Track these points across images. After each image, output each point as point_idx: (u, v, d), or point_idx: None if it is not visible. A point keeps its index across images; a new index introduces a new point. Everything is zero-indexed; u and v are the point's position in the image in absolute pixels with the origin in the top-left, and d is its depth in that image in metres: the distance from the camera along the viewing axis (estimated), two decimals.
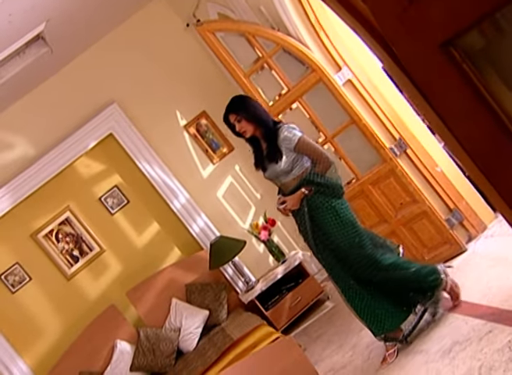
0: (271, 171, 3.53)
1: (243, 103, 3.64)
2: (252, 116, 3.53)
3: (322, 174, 3.43)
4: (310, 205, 3.44)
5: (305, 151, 3.44)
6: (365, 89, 4.58)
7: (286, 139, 3.43)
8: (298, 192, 3.44)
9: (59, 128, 5.69)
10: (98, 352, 5.14)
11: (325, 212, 3.41)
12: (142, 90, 5.89)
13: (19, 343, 5.45)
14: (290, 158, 3.44)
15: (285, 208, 3.50)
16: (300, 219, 3.50)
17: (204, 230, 5.73)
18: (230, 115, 3.60)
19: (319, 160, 3.43)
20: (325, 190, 3.42)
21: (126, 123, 5.77)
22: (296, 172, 3.47)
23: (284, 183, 3.53)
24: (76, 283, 5.65)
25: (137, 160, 5.76)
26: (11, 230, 5.60)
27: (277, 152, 3.45)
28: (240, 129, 3.57)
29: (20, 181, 5.57)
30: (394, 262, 3.48)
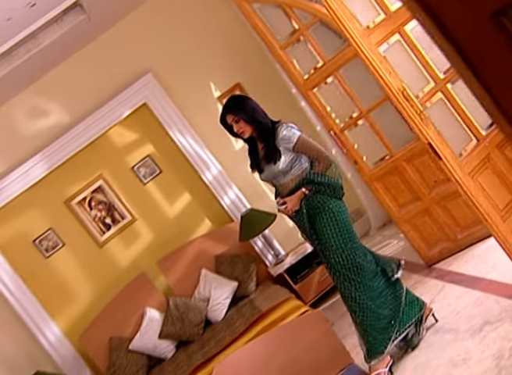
0: (268, 172, 3.45)
1: (242, 103, 3.55)
2: (251, 117, 3.44)
3: (323, 173, 3.36)
4: (308, 205, 3.39)
5: (304, 151, 3.37)
6: None
7: (285, 138, 3.35)
8: (298, 192, 3.38)
9: (94, 96, 5.74)
10: (128, 319, 5.24)
11: (323, 213, 3.35)
12: (177, 60, 5.89)
13: (52, 306, 5.58)
14: (289, 158, 3.37)
15: (287, 209, 3.42)
16: (300, 221, 3.45)
17: (235, 203, 5.76)
18: (228, 115, 3.48)
19: (319, 159, 3.37)
20: (325, 189, 3.36)
21: (161, 93, 5.79)
22: (295, 172, 3.41)
23: (282, 183, 3.46)
24: (107, 251, 5.76)
25: (170, 130, 5.79)
26: (45, 196, 5.70)
27: (275, 152, 3.37)
28: (238, 130, 3.46)
29: (55, 148, 5.64)
30: (381, 291, 3.41)
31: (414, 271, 4.41)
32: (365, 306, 3.34)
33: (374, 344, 3.34)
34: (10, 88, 5.43)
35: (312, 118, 5.77)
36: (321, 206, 3.36)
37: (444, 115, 3.88)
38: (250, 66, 5.96)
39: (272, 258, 5.63)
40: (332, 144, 5.69)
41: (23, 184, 5.60)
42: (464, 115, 3.81)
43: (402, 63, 3.97)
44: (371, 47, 3.80)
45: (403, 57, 4.06)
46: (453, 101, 3.80)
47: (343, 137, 4.78)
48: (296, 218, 3.47)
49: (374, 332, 3.34)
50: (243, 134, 3.47)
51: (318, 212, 3.36)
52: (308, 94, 4.86)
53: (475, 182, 3.55)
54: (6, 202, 5.58)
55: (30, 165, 5.60)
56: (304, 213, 3.38)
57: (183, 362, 4.61)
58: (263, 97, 5.91)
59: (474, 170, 3.59)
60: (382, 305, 3.40)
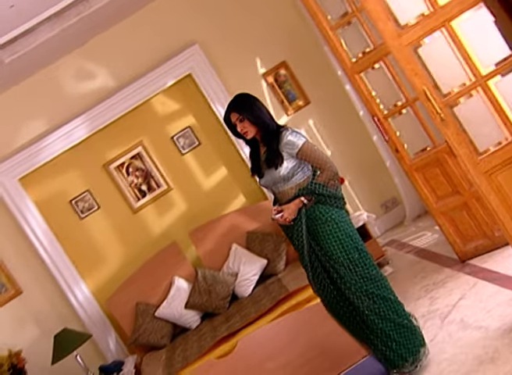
0: (269, 177, 3.27)
1: (248, 102, 3.34)
2: (256, 117, 3.25)
3: (325, 184, 3.19)
4: (308, 215, 3.21)
5: (308, 158, 3.19)
6: None
7: (289, 143, 3.17)
8: (296, 200, 3.21)
9: (140, 63, 5.76)
10: (156, 286, 5.30)
11: (325, 224, 3.18)
12: (225, 34, 5.86)
13: (83, 267, 5.69)
14: (291, 165, 3.20)
15: (283, 218, 3.21)
16: (297, 232, 3.24)
17: None
18: (233, 113, 3.30)
19: (323, 169, 3.19)
20: (326, 200, 3.19)
21: (206, 65, 5.78)
22: (297, 180, 3.23)
23: (281, 191, 3.27)
24: (141, 217, 5.81)
25: (213, 103, 5.79)
26: (85, 158, 5.77)
27: (278, 157, 3.20)
28: (241, 129, 3.28)
29: (98, 111, 5.69)
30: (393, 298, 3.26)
31: (446, 265, 4.36)
32: (387, 317, 3.18)
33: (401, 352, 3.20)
34: (59, 49, 5.48)
35: (356, 102, 5.70)
36: (322, 217, 3.19)
37: (479, 111, 3.78)
38: (297, 45, 5.90)
39: None
40: (374, 131, 5.63)
41: (65, 144, 5.68)
42: (502, 112, 3.70)
43: (439, 59, 3.86)
44: (400, 48, 3.66)
45: (442, 53, 3.94)
46: (492, 98, 3.70)
47: (386, 124, 4.70)
48: (292, 228, 3.26)
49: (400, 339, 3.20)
50: (246, 135, 3.29)
51: (319, 223, 3.19)
52: (355, 77, 4.78)
53: (490, 180, 3.48)
54: (47, 161, 5.67)
55: (72, 126, 5.66)
56: (303, 224, 3.20)
57: (207, 334, 4.66)
58: (308, 77, 5.89)
59: (493, 169, 3.50)
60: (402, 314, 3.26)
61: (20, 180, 5.64)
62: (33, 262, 5.62)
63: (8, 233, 5.63)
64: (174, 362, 4.49)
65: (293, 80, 5.93)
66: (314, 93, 5.93)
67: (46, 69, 5.68)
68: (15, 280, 5.58)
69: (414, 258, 4.85)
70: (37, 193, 5.70)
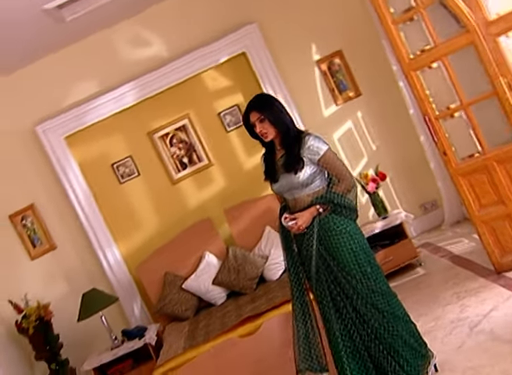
0: (285, 182, 3.15)
1: (270, 102, 3.22)
2: (277, 118, 3.14)
3: (343, 194, 3.10)
4: (321, 225, 3.10)
5: (329, 166, 3.09)
6: None
7: (312, 148, 3.07)
8: (312, 209, 3.10)
9: (196, 36, 5.76)
10: (186, 258, 5.36)
11: (339, 236, 3.08)
12: (284, 16, 5.82)
13: (117, 231, 5.79)
14: (311, 171, 3.09)
15: (297, 225, 3.10)
16: (307, 242, 3.13)
17: None
18: (253, 112, 3.17)
19: (342, 179, 3.11)
20: (341, 211, 3.10)
21: (261, 45, 5.75)
22: (315, 187, 3.13)
23: (297, 198, 3.16)
24: (179, 189, 5.86)
25: (263, 84, 5.77)
26: (131, 124, 5.83)
27: (299, 161, 3.08)
28: (260, 130, 3.15)
29: (149, 80, 5.72)
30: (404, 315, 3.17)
31: (480, 274, 4.29)
32: (396, 334, 3.09)
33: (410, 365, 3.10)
34: (117, 14, 5.52)
35: (407, 99, 5.62)
36: (337, 228, 3.09)
37: None
38: (355, 36, 5.83)
39: None
40: (422, 130, 5.55)
41: (113, 108, 5.74)
42: None
43: None
44: (488, 37, 3.62)
45: None
46: None
47: (436, 125, 4.62)
48: (301, 237, 3.16)
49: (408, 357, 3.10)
50: (265, 136, 3.16)
51: (333, 234, 3.09)
52: (411, 74, 4.69)
53: None
54: (94, 122, 5.74)
55: (122, 91, 5.71)
56: (315, 233, 3.10)
57: (232, 312, 4.69)
58: (362, 69, 5.83)
59: None
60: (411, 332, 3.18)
61: (66, 138, 5.74)
62: (70, 220, 5.74)
63: (49, 190, 5.75)
64: (196, 335, 4.53)
65: (347, 71, 5.87)
66: (366, 85, 5.86)
67: (103, 32, 5.73)
68: (51, 235, 5.71)
69: (448, 264, 4.80)
70: (80, 153, 5.79)
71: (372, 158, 5.80)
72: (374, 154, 5.86)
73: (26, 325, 5.13)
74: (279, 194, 3.29)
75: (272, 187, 3.28)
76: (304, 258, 3.19)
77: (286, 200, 3.24)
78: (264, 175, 3.32)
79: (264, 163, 3.31)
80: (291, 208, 3.21)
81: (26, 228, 5.69)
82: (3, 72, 5.60)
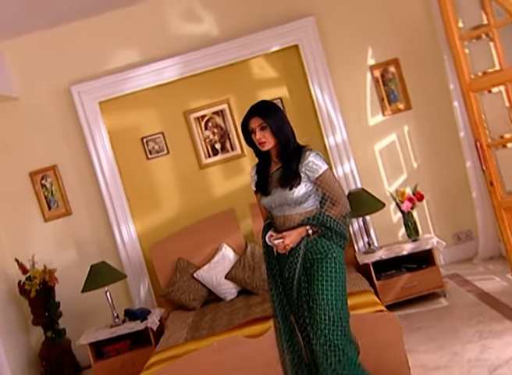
0: (277, 197, 3.08)
1: (274, 110, 3.13)
2: (279, 128, 3.07)
3: (336, 219, 3.02)
4: (308, 248, 3.04)
5: (327, 187, 3.03)
6: None
7: (312, 165, 3.01)
8: (301, 229, 3.03)
9: (250, 20, 5.72)
10: (203, 247, 5.37)
11: (323, 260, 3.02)
12: (343, 13, 5.76)
13: (136, 207, 5.81)
14: (307, 189, 3.03)
15: (284, 244, 3.01)
16: (290, 263, 3.05)
17: (346, 176, 5.67)
18: (254, 118, 3.08)
19: (338, 203, 3.04)
20: (332, 236, 3.03)
21: (316, 40, 5.69)
22: (308, 206, 3.06)
23: (287, 215, 3.09)
24: (206, 175, 5.85)
25: (311, 81, 5.71)
26: (168, 100, 5.82)
27: (296, 177, 3.02)
28: (260, 138, 3.06)
29: (194, 57, 5.68)
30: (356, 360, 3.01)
31: (508, 317, 4.19)
32: None
33: None
34: None
35: (459, 121, 5.52)
36: (324, 252, 3.02)
37: None
38: (415, 45, 5.75)
39: (362, 246, 5.55)
40: (469, 156, 5.47)
41: (152, 81, 5.72)
42: None
43: None
44: None
45: None
46: None
47: (487, 153, 4.54)
48: (285, 258, 3.08)
49: None
50: (262, 145, 3.08)
51: (318, 257, 3.02)
52: (469, 95, 4.61)
53: None
54: (130, 92, 5.74)
55: (165, 64, 5.69)
56: (300, 256, 3.03)
57: (240, 310, 4.66)
58: (416, 81, 5.77)
59: None
60: None
61: (100, 103, 5.74)
62: (90, 188, 5.76)
63: (74, 154, 5.78)
64: (200, 327, 4.52)
65: (400, 81, 5.79)
66: (417, 99, 5.78)
67: (156, 0, 5.71)
68: (68, 200, 5.75)
69: (475, 300, 4.70)
70: (112, 121, 5.80)
71: (412, 177, 5.73)
72: (414, 172, 5.78)
73: (29, 287, 5.16)
74: (267, 209, 3.19)
75: (261, 201, 3.18)
76: (285, 281, 3.11)
77: (274, 217, 3.16)
78: (255, 187, 3.24)
79: (257, 174, 3.23)
80: (278, 226, 3.14)
81: (45, 188, 5.72)
82: (48, 24, 5.61)
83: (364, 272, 5.00)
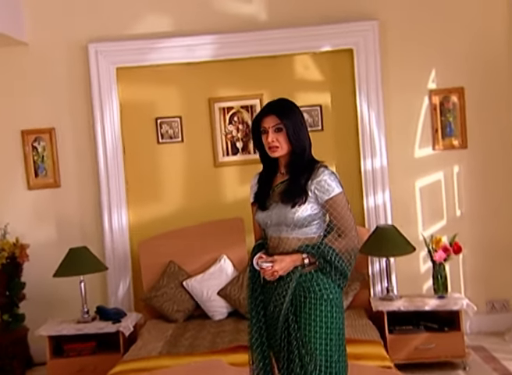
0: (275, 214, 3.08)
1: (295, 112, 3.14)
2: (297, 134, 3.06)
3: (339, 253, 2.99)
4: (301, 282, 3.02)
5: (335, 214, 3.02)
6: None
7: (324, 185, 3.00)
8: (296, 256, 3.00)
9: (306, 10, 5.85)
10: (199, 254, 5.56)
11: (318, 301, 2.99)
12: (412, 24, 5.86)
13: (135, 195, 5.98)
14: (312, 211, 3.03)
15: (273, 269, 2.98)
16: (278, 295, 3.04)
17: (377, 208, 5.82)
18: (270, 116, 3.10)
19: (346, 235, 3.02)
20: (331, 272, 3.00)
21: (374, 48, 5.78)
22: (309, 232, 3.05)
23: (283, 237, 3.07)
24: (220, 174, 6.03)
25: (359, 93, 5.81)
26: (194, 81, 5.99)
27: (302, 193, 3.02)
28: (272, 140, 3.06)
29: (234, 40, 5.80)
30: None
31: None
32: None
33: None
34: None
35: None
36: (319, 291, 3.00)
37: None
38: (486, 77, 5.83)
39: (379, 290, 5.70)
40: None
41: (181, 57, 5.87)
42: None
43: None
44: None
45: None
46: None
47: None
48: (271, 288, 3.08)
49: None
50: (273, 150, 3.08)
51: (312, 297, 3.00)
52: None
53: None
54: (154, 64, 5.89)
55: (199, 41, 5.83)
56: (290, 288, 3.00)
57: (228, 333, 4.83)
58: (480, 119, 5.88)
59: None
60: None
61: (118, 70, 5.90)
62: (86, 162, 5.94)
63: (77, 121, 5.94)
64: (179, 343, 4.70)
65: (461, 114, 5.89)
66: (476, 138, 5.90)
67: None
68: (59, 170, 5.92)
69: None
70: (127, 92, 5.97)
71: (452, 224, 5.86)
72: (456, 220, 5.92)
73: None
74: (262, 226, 3.19)
75: (257, 216, 3.19)
76: (269, 315, 3.11)
77: (268, 236, 3.16)
78: (253, 197, 3.25)
79: (258, 184, 3.25)
80: (271, 248, 3.13)
81: (36, 152, 5.90)
82: None
83: (376, 320, 5.12)
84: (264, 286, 3.14)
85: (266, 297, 3.13)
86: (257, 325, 3.15)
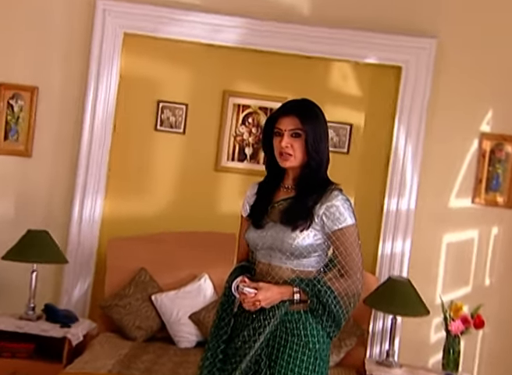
0: (270, 236, 3.11)
1: (319, 119, 3.16)
2: (317, 144, 3.07)
3: (338, 296, 2.98)
4: (283, 320, 3.03)
5: (341, 248, 3.03)
6: None
7: (334, 212, 3.02)
8: (286, 289, 3.01)
9: (356, 12, 5.95)
10: (178, 267, 5.65)
11: (300, 349, 3.00)
12: (477, 51, 5.93)
13: (117, 183, 6.07)
14: (314, 240, 3.05)
15: (255, 300, 2.97)
16: (253, 330, 3.01)
17: (393, 256, 5.92)
18: (290, 117, 3.10)
19: (349, 275, 3.01)
20: (322, 316, 3.01)
21: (427, 70, 5.86)
22: (307, 264, 3.07)
23: (275, 266, 3.10)
24: (220, 180, 6.13)
25: (399, 118, 5.89)
26: (211, 67, 6.10)
27: (307, 216, 3.04)
28: (286, 146, 3.07)
29: (266, 29, 5.87)
30: None
31: None
32: None
33: None
34: None
35: None
36: (303, 335, 3.02)
37: None
38: None
39: (378, 353, 5.80)
40: None
41: (203, 35, 5.95)
42: None
43: None
44: None
45: None
46: None
47: None
48: (245, 319, 3.10)
49: None
50: (284, 158, 3.09)
51: (293, 340, 3.02)
52: None
53: None
54: (170, 37, 5.97)
55: (227, 22, 5.92)
56: (269, 326, 2.99)
57: (192, 366, 4.79)
58: None
59: None
60: None
61: (126, 35, 5.99)
62: (67, 134, 6.00)
63: (66, 83, 6.01)
64: (133, 366, 4.76)
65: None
66: None
67: None
68: (34, 138, 5.99)
69: None
70: (131, 63, 6.06)
71: (477, 293, 5.91)
72: (483, 289, 5.98)
73: None
74: (251, 246, 3.22)
75: (247, 234, 3.23)
76: (232, 352, 3.11)
77: (256, 260, 3.19)
78: (247, 211, 3.32)
79: (256, 195, 3.29)
80: (257, 274, 3.16)
81: (10, 111, 5.96)
82: None
83: None
84: (238, 316, 3.17)
85: (236, 329, 3.15)
86: (209, 360, 3.17)
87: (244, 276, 3.13)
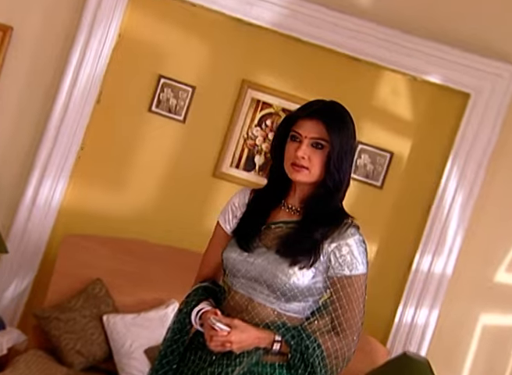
0: (260, 265, 3.10)
1: (348, 128, 3.15)
2: (339, 161, 3.07)
3: (327, 358, 2.99)
4: (253, 372, 3.05)
5: (343, 301, 3.05)
6: None
7: (346, 253, 3.03)
8: (265, 334, 3.01)
9: (425, 19, 6.00)
10: (143, 287, 5.62)
11: None
12: None
13: (87, 167, 6.05)
14: (314, 283, 3.06)
15: (226, 340, 2.94)
16: (210, 373, 3.03)
17: (413, 329, 5.91)
18: (314, 121, 3.09)
19: (346, 335, 3.04)
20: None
21: (501, 104, 5.88)
22: (297, 309, 3.08)
23: (258, 304, 3.09)
24: (217, 188, 6.11)
25: (453, 159, 5.91)
26: (232, 48, 6.12)
27: (311, 252, 3.03)
28: (301, 156, 3.05)
29: (315, 15, 5.89)
30: None
31: None
32: None
33: None
34: None
35: None
36: None
37: None
38: None
39: None
40: None
41: (230, 7, 5.93)
42: None
43: None
44: None
45: None
46: None
47: None
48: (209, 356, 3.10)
49: None
50: (297, 171, 3.08)
51: None
52: None
53: None
54: (189, 1, 5.94)
55: None
56: (234, 373, 2.98)
57: None
58: None
59: None
60: None
61: None
62: (38, 95, 5.97)
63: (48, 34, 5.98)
64: None
65: None
66: None
67: None
68: None
69: None
70: (133, 25, 6.07)
71: None
72: None
73: None
74: (228, 269, 3.21)
75: (226, 253, 3.21)
76: None
77: (231, 290, 3.19)
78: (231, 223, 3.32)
79: (248, 207, 3.29)
80: (228, 307, 3.17)
81: None
82: None
83: None
84: (194, 352, 3.18)
85: (187, 369, 3.16)
86: None
87: (217, 310, 3.08)
